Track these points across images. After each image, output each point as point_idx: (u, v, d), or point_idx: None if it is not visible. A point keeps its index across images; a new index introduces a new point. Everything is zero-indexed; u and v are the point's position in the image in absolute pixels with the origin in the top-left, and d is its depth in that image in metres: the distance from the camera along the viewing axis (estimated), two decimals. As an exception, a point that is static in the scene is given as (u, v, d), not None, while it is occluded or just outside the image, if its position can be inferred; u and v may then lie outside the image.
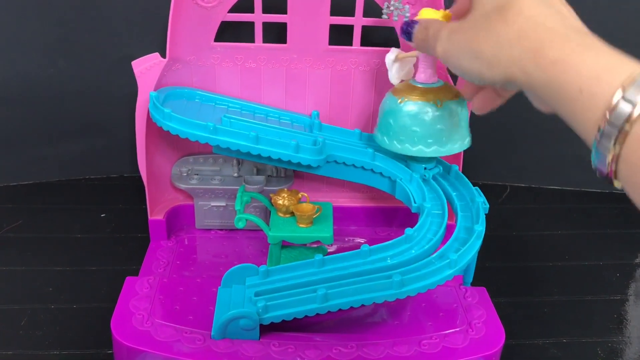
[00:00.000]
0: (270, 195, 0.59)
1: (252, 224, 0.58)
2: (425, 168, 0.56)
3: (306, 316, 0.48)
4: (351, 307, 0.48)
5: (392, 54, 0.55)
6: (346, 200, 0.69)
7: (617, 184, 0.31)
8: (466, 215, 0.54)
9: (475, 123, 0.58)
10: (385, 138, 0.55)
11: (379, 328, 0.52)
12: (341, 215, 0.67)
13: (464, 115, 0.54)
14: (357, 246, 0.53)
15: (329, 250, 0.63)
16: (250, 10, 0.58)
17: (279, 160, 0.54)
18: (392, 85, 0.56)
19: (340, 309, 0.48)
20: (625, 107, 0.28)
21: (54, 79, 0.75)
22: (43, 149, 0.79)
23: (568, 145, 0.79)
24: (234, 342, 0.49)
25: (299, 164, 0.55)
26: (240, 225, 0.56)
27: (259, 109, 0.62)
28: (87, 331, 0.56)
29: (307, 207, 0.57)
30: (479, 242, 0.51)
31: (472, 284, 0.57)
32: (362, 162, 0.57)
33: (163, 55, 0.57)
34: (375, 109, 0.63)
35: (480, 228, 0.51)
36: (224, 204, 0.65)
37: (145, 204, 0.62)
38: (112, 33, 0.72)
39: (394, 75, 0.55)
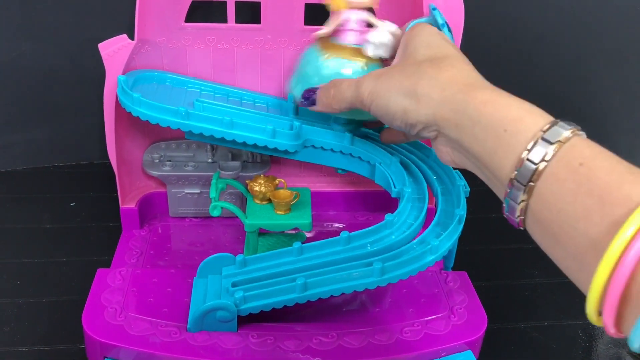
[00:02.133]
0: (247, 181, 0.58)
1: (228, 212, 0.56)
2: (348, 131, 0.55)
3: (285, 306, 0.47)
4: (331, 296, 0.47)
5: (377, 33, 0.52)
6: (324, 184, 0.67)
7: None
8: (447, 199, 0.53)
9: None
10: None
11: (359, 316, 0.51)
12: (320, 200, 0.66)
13: None
14: (337, 232, 0.51)
15: (307, 237, 0.62)
16: (222, -11, 0.56)
17: (255, 146, 0.52)
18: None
19: (320, 298, 0.46)
20: (528, 167, 0.30)
21: (18, 63, 0.71)
22: (8, 135, 0.76)
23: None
24: (211, 334, 0.48)
25: (275, 150, 0.53)
26: (216, 213, 0.54)
27: (232, 92, 0.60)
28: (57, 326, 0.54)
29: (284, 193, 0.56)
30: (460, 227, 0.50)
31: (453, 269, 0.56)
32: (341, 147, 0.56)
33: (131, 37, 0.54)
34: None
35: (462, 212, 0.50)
36: (198, 191, 0.63)
37: (117, 192, 0.60)
38: (79, 14, 0.69)
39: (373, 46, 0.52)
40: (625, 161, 0.29)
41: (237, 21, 0.58)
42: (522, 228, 0.33)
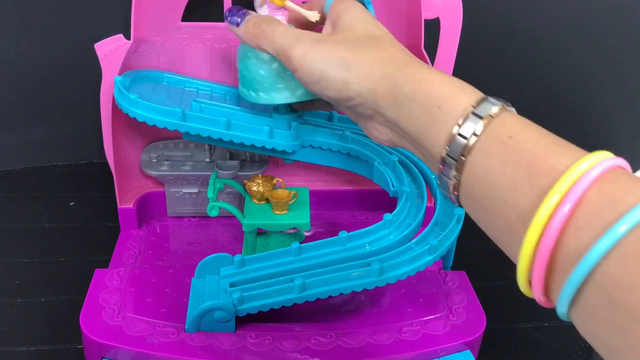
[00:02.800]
0: (244, 181, 0.57)
1: (226, 211, 0.56)
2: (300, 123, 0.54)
3: (283, 306, 0.47)
4: (329, 296, 0.46)
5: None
6: (323, 183, 0.67)
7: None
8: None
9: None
10: (243, 89, 0.51)
11: (358, 316, 0.51)
12: (318, 199, 0.66)
13: None
14: (335, 231, 0.51)
15: (306, 236, 0.61)
16: (219, -12, 0.55)
17: (252, 146, 0.52)
18: None
19: (318, 298, 0.46)
20: (459, 142, 0.31)
21: (17, 62, 0.71)
22: (6, 135, 0.75)
23: (550, 130, 0.78)
24: (209, 334, 0.48)
25: (273, 150, 0.53)
26: (214, 213, 0.54)
27: (230, 91, 0.60)
28: (56, 326, 0.54)
29: (282, 193, 0.56)
30: (459, 226, 0.50)
31: (452, 268, 0.56)
32: (338, 146, 0.55)
33: (127, 37, 0.54)
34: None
35: (461, 211, 0.49)
36: (196, 190, 0.63)
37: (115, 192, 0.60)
38: (78, 13, 0.69)
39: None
40: (553, 134, 0.30)
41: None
42: (458, 205, 0.33)
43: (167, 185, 0.63)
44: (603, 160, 0.26)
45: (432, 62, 0.57)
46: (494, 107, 0.31)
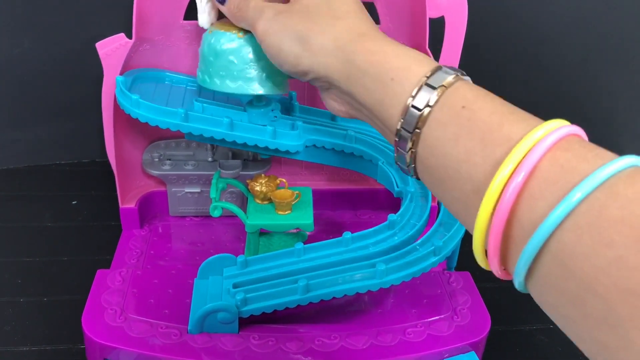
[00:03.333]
0: (247, 181, 0.57)
1: (228, 211, 0.55)
2: (275, 117, 0.53)
3: (287, 307, 0.46)
4: (333, 297, 0.46)
5: None
6: (326, 182, 0.66)
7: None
8: (450, 199, 0.52)
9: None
10: (206, 77, 0.50)
11: (362, 317, 0.51)
12: (321, 198, 0.65)
13: None
14: (338, 231, 0.51)
15: (309, 236, 0.61)
16: (222, -14, 0.55)
17: (255, 147, 0.52)
18: None
19: (322, 300, 0.46)
20: (413, 114, 0.30)
21: (20, 60, 0.71)
22: (9, 133, 0.75)
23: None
24: (212, 336, 0.47)
25: (276, 150, 0.52)
26: (216, 214, 0.54)
27: (233, 90, 0.59)
28: (58, 325, 0.54)
29: (285, 193, 0.55)
30: (464, 227, 0.49)
31: (456, 269, 0.56)
32: (342, 146, 0.55)
33: (129, 35, 0.54)
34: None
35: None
36: (198, 190, 0.62)
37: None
38: (80, 12, 0.69)
39: (206, 17, 0.50)
40: (509, 103, 0.29)
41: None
42: (415, 177, 0.33)
43: (169, 184, 0.62)
44: (558, 128, 0.26)
45: (437, 60, 0.56)
46: (448, 77, 0.30)
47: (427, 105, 0.30)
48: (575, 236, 0.23)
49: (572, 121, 0.30)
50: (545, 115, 0.33)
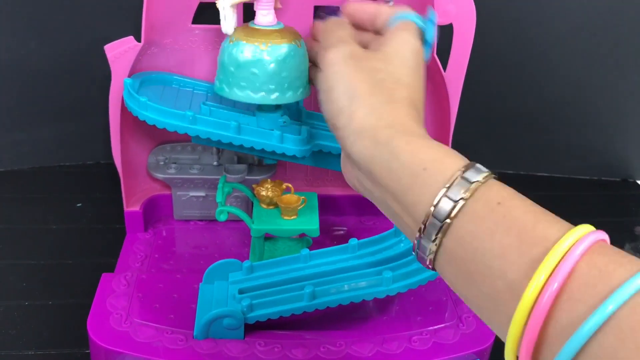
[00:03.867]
0: (253, 186, 0.57)
1: (233, 214, 0.55)
2: (284, 122, 0.52)
3: (292, 314, 0.46)
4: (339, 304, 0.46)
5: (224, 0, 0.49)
6: (331, 188, 0.66)
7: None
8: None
9: (465, 110, 0.56)
10: (224, 86, 0.50)
11: (367, 324, 0.51)
12: (326, 204, 0.65)
13: (301, 61, 0.49)
14: (343, 236, 0.51)
15: (313, 241, 0.61)
16: (230, -10, 0.55)
17: (262, 151, 0.52)
18: None
19: (328, 306, 0.46)
20: (446, 205, 0.30)
21: (26, 61, 0.71)
22: (15, 134, 0.75)
23: (557, 133, 0.78)
24: (218, 342, 0.47)
25: (283, 155, 0.52)
26: (222, 218, 0.54)
27: (240, 94, 0.59)
28: (63, 329, 0.54)
29: (291, 198, 0.55)
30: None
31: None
32: (349, 151, 0.55)
33: (138, 38, 0.54)
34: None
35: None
36: (203, 194, 0.62)
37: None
38: (86, 13, 0.69)
39: (229, 23, 0.50)
40: (536, 204, 0.29)
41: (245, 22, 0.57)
42: (430, 267, 0.32)
43: (174, 188, 0.62)
44: (591, 232, 0.26)
45: (445, 67, 0.56)
46: (482, 173, 0.31)
47: (462, 198, 0.30)
48: (618, 340, 0.23)
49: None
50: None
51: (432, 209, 0.30)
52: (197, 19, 0.57)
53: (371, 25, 0.45)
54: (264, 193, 0.55)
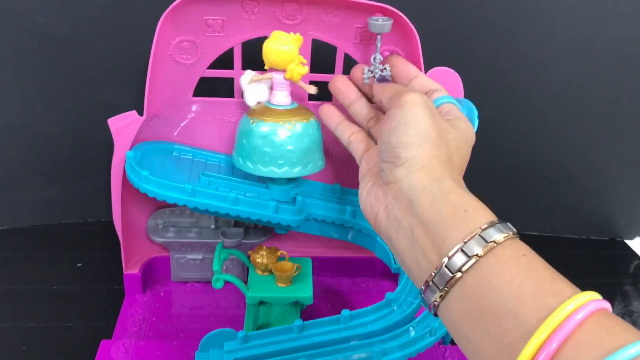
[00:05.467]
0: (249, 252, 0.59)
1: (230, 277, 0.57)
2: (296, 194, 0.57)
3: (285, 384, 0.47)
4: (331, 374, 0.47)
5: (246, 76, 0.55)
6: (325, 250, 0.68)
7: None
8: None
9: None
10: (240, 159, 0.55)
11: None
12: (320, 265, 0.67)
13: (315, 138, 0.54)
14: (336, 300, 0.51)
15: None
16: (230, 66, 0.57)
17: (259, 220, 0.54)
18: None
19: (320, 376, 0.47)
20: (478, 243, 0.33)
21: (31, 125, 0.73)
22: (18, 194, 0.77)
23: (545, 193, 0.80)
24: (213, 411, 0.48)
25: (278, 225, 0.54)
26: (218, 285, 0.55)
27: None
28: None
29: (286, 265, 0.57)
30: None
31: (451, 343, 0.57)
32: (342, 220, 0.57)
33: (140, 103, 0.56)
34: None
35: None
36: (200, 256, 0.64)
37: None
38: (91, 80, 0.71)
39: (249, 97, 0.56)
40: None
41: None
42: (435, 303, 0.35)
43: (172, 250, 0.64)
44: (598, 299, 0.30)
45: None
46: (512, 230, 0.35)
47: (494, 242, 0.33)
48: None
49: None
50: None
51: (463, 242, 0.34)
52: (197, 90, 0.59)
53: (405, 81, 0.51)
54: (259, 260, 0.57)
